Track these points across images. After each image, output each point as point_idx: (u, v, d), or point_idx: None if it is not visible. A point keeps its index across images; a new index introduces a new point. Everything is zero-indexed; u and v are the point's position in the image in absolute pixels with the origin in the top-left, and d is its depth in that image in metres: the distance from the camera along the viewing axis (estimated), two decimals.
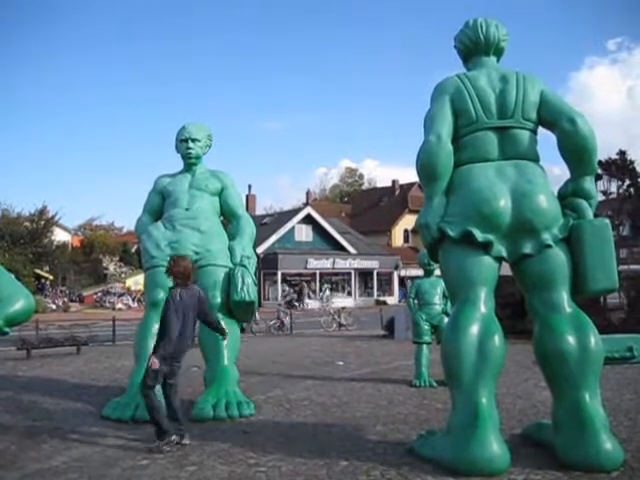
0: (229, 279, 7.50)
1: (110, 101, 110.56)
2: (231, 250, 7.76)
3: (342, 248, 44.16)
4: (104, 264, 46.88)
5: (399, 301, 39.47)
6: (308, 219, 43.32)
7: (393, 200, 59.98)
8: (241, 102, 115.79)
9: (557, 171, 52.28)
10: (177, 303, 5.63)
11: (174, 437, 5.44)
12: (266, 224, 42.32)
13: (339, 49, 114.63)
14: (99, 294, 39.63)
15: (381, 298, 43.89)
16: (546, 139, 5.49)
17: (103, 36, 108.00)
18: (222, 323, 6.34)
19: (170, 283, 6.08)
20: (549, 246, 4.96)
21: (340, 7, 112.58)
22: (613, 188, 37.79)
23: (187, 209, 7.90)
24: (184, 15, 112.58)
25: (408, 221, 54.06)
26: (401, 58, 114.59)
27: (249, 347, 13.34)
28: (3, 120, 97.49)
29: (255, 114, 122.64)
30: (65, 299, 37.41)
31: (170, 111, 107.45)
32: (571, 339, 4.82)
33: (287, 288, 40.70)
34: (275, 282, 40.03)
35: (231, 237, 8.02)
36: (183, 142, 8.17)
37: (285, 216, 44.95)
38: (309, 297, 41.05)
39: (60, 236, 45.18)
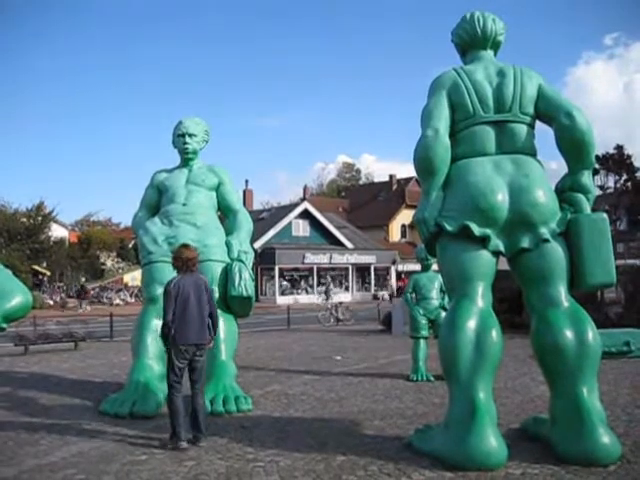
0: (226, 274, 7.50)
1: (108, 97, 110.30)
2: (228, 245, 7.75)
3: (339, 243, 44.12)
4: (101, 260, 46.86)
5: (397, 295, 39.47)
6: (305, 214, 43.25)
7: (390, 195, 59.95)
8: (239, 98, 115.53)
9: (554, 166, 52.17)
10: (173, 290, 5.57)
11: (184, 444, 5.32)
12: (263, 219, 42.26)
13: (336, 45, 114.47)
14: (96, 290, 39.60)
15: (378, 293, 43.84)
16: (544, 133, 5.49)
17: (103, 37, 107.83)
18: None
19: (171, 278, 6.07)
20: (547, 240, 4.96)
21: (339, 5, 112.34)
22: (610, 183, 37.92)
23: (184, 204, 7.89)
24: (181, 15, 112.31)
25: (405, 216, 54.05)
26: (399, 53, 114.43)
27: (247, 342, 13.35)
28: (1, 116, 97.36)
29: (252, 110, 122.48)
30: (62, 295, 37.38)
31: (168, 107, 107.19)
32: (569, 333, 4.82)
33: (284, 283, 40.76)
34: (272, 277, 40.01)
35: (228, 232, 8.02)
36: (180, 137, 8.16)
37: (282, 211, 44.87)
38: (307, 292, 41.10)
39: (57, 232, 45.12)
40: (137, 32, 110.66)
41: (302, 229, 43.41)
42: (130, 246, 45.94)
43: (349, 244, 44.58)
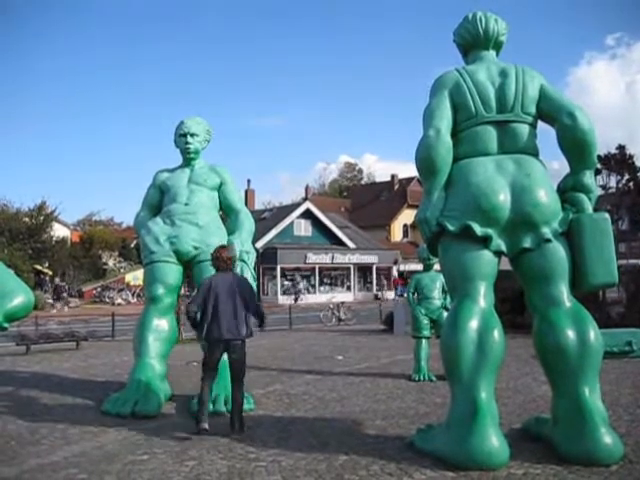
0: None
1: (109, 97, 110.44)
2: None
3: (341, 243, 44.14)
4: (103, 259, 46.87)
5: (399, 296, 39.42)
6: (307, 214, 43.27)
7: (392, 195, 60.02)
8: (239, 98, 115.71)
9: (556, 165, 52.03)
10: (204, 285, 5.87)
11: (204, 425, 5.59)
12: (265, 219, 42.29)
13: (337, 45, 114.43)
14: (98, 289, 39.65)
15: (379, 294, 43.76)
16: (545, 133, 5.48)
17: (103, 37, 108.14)
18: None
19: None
20: (549, 240, 4.95)
21: (339, 5, 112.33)
22: (612, 183, 37.83)
23: (186, 204, 7.89)
24: (181, 15, 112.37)
25: (407, 216, 54.08)
26: (400, 53, 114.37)
27: (249, 342, 13.31)
28: (3, 116, 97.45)
29: (253, 110, 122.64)
30: (64, 294, 37.41)
31: (168, 107, 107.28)
32: (571, 333, 4.82)
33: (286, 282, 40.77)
34: (274, 277, 40.03)
35: (230, 232, 8.00)
36: (182, 137, 8.15)
37: (284, 211, 44.89)
38: (308, 291, 41.15)
39: (59, 231, 45.04)
40: (137, 32, 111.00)
41: (304, 229, 43.44)
42: (132, 246, 45.89)
43: (351, 244, 44.60)
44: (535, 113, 5.26)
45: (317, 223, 43.77)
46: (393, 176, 62.42)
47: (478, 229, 4.94)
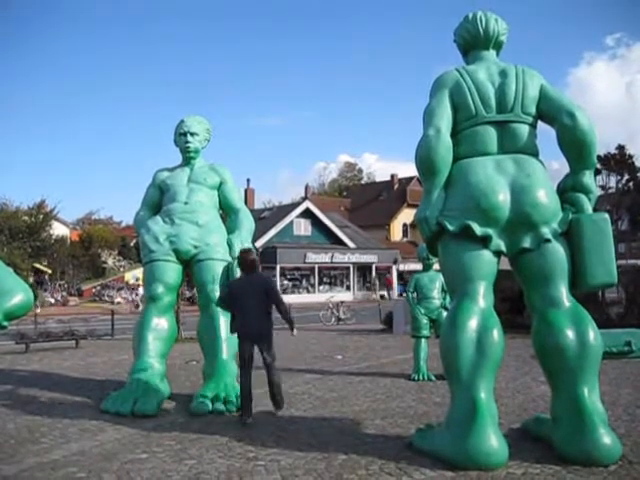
0: (228, 273, 7.49)
1: (109, 96, 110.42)
2: (230, 244, 7.75)
3: (341, 242, 44.10)
4: (103, 258, 46.88)
5: (399, 294, 39.34)
6: (307, 213, 43.23)
7: (392, 194, 59.98)
8: (239, 98, 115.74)
9: (556, 166, 52.23)
10: (230, 288, 6.47)
11: (248, 420, 6.15)
12: (265, 218, 42.28)
13: (337, 45, 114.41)
14: (98, 288, 39.64)
15: (374, 295, 43.60)
16: (545, 134, 5.48)
17: (103, 36, 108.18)
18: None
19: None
20: (548, 240, 4.95)
21: (340, 4, 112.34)
22: (612, 183, 37.84)
23: (186, 203, 7.89)
24: (182, 15, 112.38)
25: (407, 215, 54.06)
26: (401, 52, 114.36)
27: None
28: (2, 116, 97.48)
29: (253, 109, 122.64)
30: (64, 293, 37.43)
31: (170, 106, 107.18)
32: (570, 334, 4.81)
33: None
34: (274, 276, 40.00)
35: (230, 231, 8.02)
36: (182, 136, 8.15)
37: (284, 210, 44.86)
38: (308, 291, 41.16)
39: (59, 230, 45.01)
40: (137, 32, 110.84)
41: (304, 228, 43.41)
42: (132, 244, 45.88)
43: (350, 243, 44.56)
44: (535, 113, 5.26)
45: (317, 222, 43.73)
46: (393, 176, 62.35)
47: (478, 229, 4.94)
